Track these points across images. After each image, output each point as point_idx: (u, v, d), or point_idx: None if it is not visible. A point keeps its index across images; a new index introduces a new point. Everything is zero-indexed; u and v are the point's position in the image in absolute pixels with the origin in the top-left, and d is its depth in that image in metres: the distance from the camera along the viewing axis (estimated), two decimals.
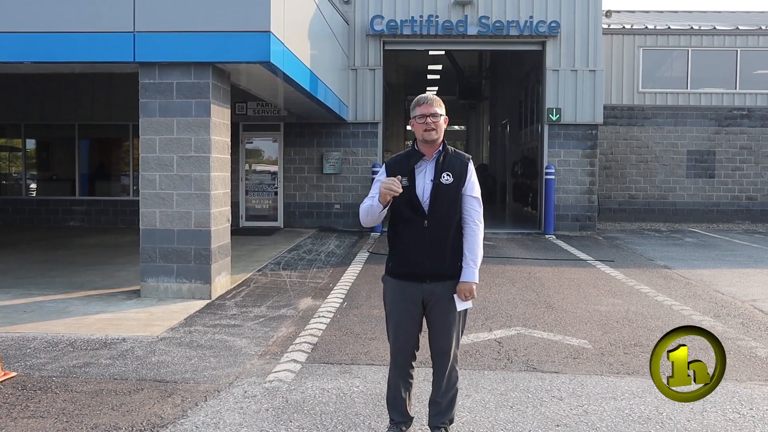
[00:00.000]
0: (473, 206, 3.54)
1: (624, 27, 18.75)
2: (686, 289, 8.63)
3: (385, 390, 3.75)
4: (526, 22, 15.48)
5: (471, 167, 3.59)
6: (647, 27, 18.81)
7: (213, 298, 7.55)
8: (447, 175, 3.50)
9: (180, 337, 5.92)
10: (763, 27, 18.75)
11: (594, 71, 15.63)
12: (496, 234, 14.96)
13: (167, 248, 7.60)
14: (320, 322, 6.50)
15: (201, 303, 7.31)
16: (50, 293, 7.71)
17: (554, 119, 15.69)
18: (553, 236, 14.85)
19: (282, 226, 15.90)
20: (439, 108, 3.51)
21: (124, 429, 3.86)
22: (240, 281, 8.63)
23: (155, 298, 7.52)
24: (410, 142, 4.30)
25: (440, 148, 3.55)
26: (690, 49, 18.68)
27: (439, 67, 26.65)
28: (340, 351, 5.56)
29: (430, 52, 21.73)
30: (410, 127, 3.60)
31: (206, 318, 6.68)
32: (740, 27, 18.82)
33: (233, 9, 7.34)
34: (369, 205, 3.45)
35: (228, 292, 7.95)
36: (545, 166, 15.60)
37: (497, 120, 27.13)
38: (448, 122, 3.62)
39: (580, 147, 15.81)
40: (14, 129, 16.59)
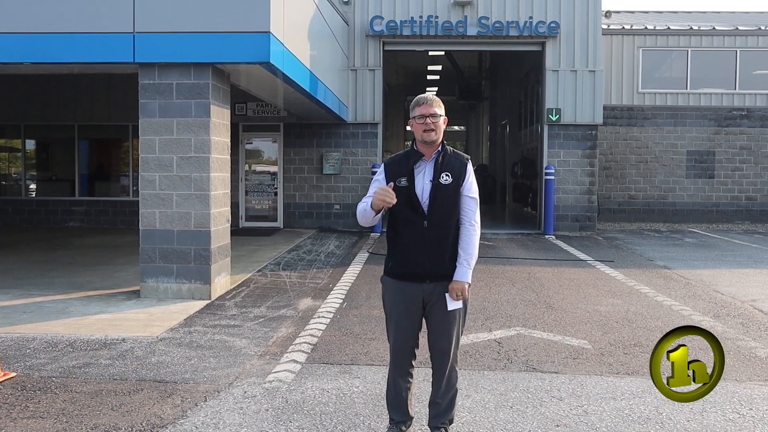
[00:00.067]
0: (470, 206, 3.54)
1: (624, 27, 18.76)
2: (686, 290, 8.63)
3: (385, 390, 3.75)
4: (526, 23, 15.49)
5: (470, 167, 3.59)
6: (647, 27, 18.82)
7: (213, 299, 7.56)
8: (446, 176, 3.50)
9: (180, 338, 5.92)
10: (763, 27, 18.76)
11: (594, 72, 15.64)
12: (496, 234, 14.97)
13: (167, 249, 7.60)
14: (320, 323, 6.50)
15: (201, 303, 7.32)
16: (50, 294, 7.71)
17: (554, 120, 15.69)
18: (553, 236, 14.85)
19: (282, 227, 15.90)
20: (439, 108, 3.51)
21: (124, 429, 3.87)
22: (240, 282, 8.64)
23: (155, 299, 7.52)
24: (410, 143, 4.30)
25: (439, 149, 3.55)
26: (689, 50, 18.69)
27: (439, 68, 26.65)
28: (340, 351, 5.56)
29: (430, 53, 21.73)
30: (410, 128, 3.60)
31: (206, 318, 6.68)
32: (740, 27, 18.82)
33: (233, 10, 7.35)
34: (363, 209, 3.47)
35: (228, 293, 7.95)
36: (545, 167, 15.59)
37: (497, 120, 27.13)
38: (448, 123, 3.63)
39: (580, 147, 15.81)
40: (14, 129, 16.60)
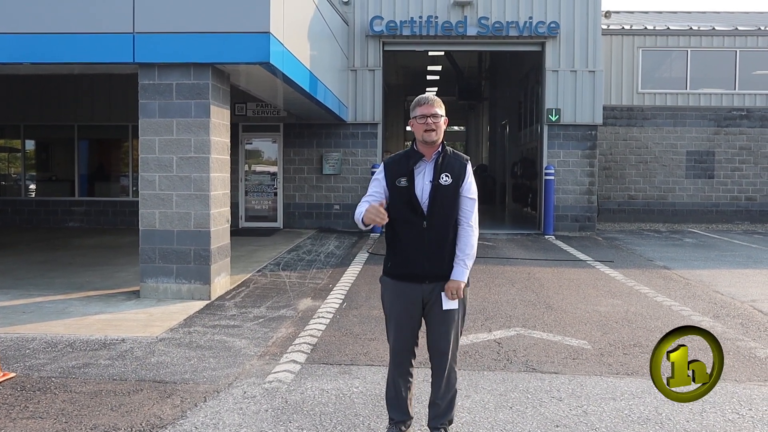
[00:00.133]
0: (469, 207, 3.54)
1: (623, 27, 18.76)
2: (685, 290, 8.63)
3: (385, 390, 3.75)
4: (526, 23, 15.49)
5: (469, 168, 3.60)
6: (646, 27, 18.82)
7: (212, 299, 7.56)
8: (446, 176, 3.50)
9: (179, 338, 5.92)
10: (762, 27, 18.76)
11: (593, 72, 15.64)
12: (496, 234, 14.97)
13: (167, 249, 7.60)
14: (320, 323, 6.50)
15: (200, 304, 7.31)
16: (49, 294, 7.71)
17: (554, 120, 15.69)
18: (553, 237, 14.85)
19: (281, 227, 15.90)
20: (440, 109, 3.52)
21: (123, 430, 3.86)
22: (239, 282, 8.63)
23: (155, 299, 7.52)
24: (410, 143, 4.30)
25: (439, 149, 3.55)
26: (689, 50, 18.69)
27: (439, 68, 26.64)
28: (340, 352, 5.56)
29: (430, 53, 21.72)
30: (410, 128, 3.60)
31: (206, 319, 6.68)
32: (739, 27, 18.82)
33: (232, 10, 7.35)
34: (358, 218, 3.44)
35: (227, 293, 7.95)
36: (545, 167, 15.59)
37: (497, 121, 27.12)
38: (448, 123, 3.63)
39: (580, 147, 15.81)
40: (14, 130, 16.60)
